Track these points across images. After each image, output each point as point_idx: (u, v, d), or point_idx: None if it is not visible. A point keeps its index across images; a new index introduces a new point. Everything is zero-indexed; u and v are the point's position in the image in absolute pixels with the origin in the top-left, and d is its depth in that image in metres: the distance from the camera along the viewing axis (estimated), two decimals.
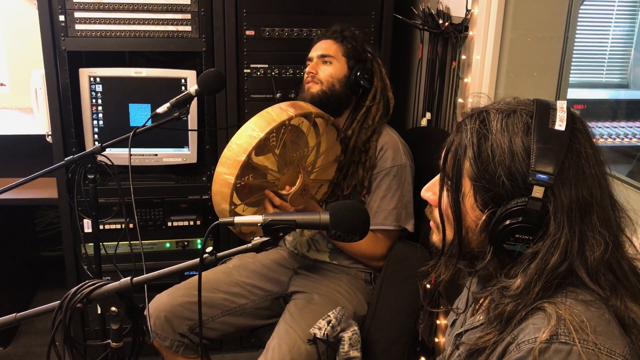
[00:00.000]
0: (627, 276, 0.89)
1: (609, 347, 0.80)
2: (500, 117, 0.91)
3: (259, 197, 1.78)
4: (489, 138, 0.90)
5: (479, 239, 0.94)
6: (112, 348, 1.12)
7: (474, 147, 0.90)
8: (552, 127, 0.88)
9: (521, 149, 0.87)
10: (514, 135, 0.88)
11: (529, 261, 0.87)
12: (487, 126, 0.91)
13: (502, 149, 0.88)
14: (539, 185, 0.85)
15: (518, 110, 0.91)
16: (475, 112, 0.94)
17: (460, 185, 0.93)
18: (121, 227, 2.34)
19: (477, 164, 0.90)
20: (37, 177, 1.64)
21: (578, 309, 0.83)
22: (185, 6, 2.23)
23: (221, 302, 1.92)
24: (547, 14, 1.94)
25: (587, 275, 0.86)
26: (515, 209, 0.87)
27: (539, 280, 0.85)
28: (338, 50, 1.93)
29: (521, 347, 0.82)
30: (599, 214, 0.88)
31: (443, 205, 0.98)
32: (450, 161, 0.95)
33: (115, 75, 2.27)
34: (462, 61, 2.07)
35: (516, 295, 0.87)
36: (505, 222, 0.88)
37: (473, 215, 0.93)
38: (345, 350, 1.69)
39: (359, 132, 1.92)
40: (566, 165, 0.87)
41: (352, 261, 1.98)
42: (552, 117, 0.89)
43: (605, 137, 2.23)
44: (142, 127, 1.74)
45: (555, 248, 0.85)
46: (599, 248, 0.86)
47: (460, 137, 0.94)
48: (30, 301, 2.96)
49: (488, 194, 0.90)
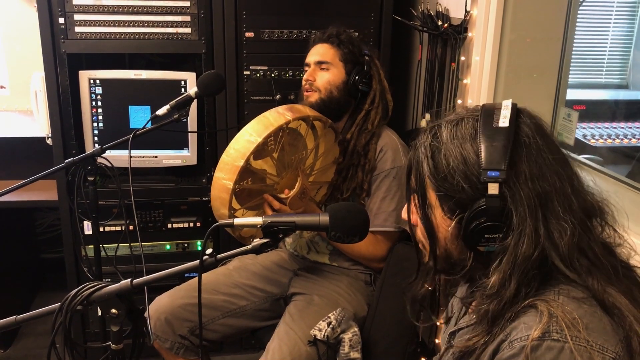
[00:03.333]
0: (599, 258, 0.90)
1: (601, 344, 0.80)
2: (449, 127, 0.95)
3: (258, 201, 1.78)
4: (442, 149, 0.94)
5: (458, 247, 0.96)
6: (113, 350, 1.12)
7: (428, 160, 0.95)
8: (496, 125, 0.91)
9: (471, 152, 0.91)
10: (463, 141, 0.92)
11: (500, 257, 0.89)
12: (439, 138, 0.95)
13: (454, 157, 0.92)
14: (492, 182, 0.88)
15: (465, 117, 0.95)
16: (427, 128, 0.99)
17: (426, 198, 0.97)
18: (121, 229, 2.34)
19: (434, 175, 0.94)
20: (37, 180, 1.65)
21: (570, 306, 0.84)
22: (184, 8, 2.23)
23: (221, 304, 1.92)
24: (546, 15, 1.94)
25: (562, 262, 0.87)
26: (478, 210, 0.89)
27: (514, 275, 0.87)
28: (335, 55, 1.92)
29: (513, 345, 0.83)
30: (560, 200, 0.89)
31: (414, 221, 1.02)
32: (413, 178, 0.99)
33: (115, 78, 2.27)
34: (461, 62, 2.07)
35: (494, 293, 0.88)
36: (472, 225, 0.90)
37: (445, 225, 0.96)
38: (346, 352, 1.69)
39: (358, 135, 1.92)
40: (516, 159, 0.89)
41: (352, 263, 1.98)
42: (496, 116, 0.92)
43: (604, 137, 2.23)
44: (142, 129, 1.75)
45: (522, 240, 0.87)
46: (565, 234, 0.87)
47: (416, 154, 0.98)
48: (31, 303, 2.96)
49: (452, 200, 0.92)
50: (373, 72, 1.95)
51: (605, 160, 2.09)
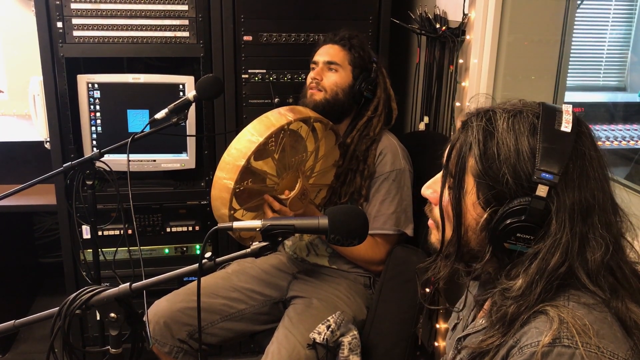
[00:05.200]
0: (628, 279, 0.89)
1: (612, 350, 0.80)
2: (506, 116, 0.91)
3: (258, 201, 1.78)
4: (495, 136, 0.90)
5: (479, 238, 0.94)
6: (111, 354, 1.12)
7: (480, 145, 0.91)
8: (558, 128, 0.89)
9: (527, 148, 0.88)
10: (519, 135, 0.89)
11: (529, 261, 0.87)
12: (494, 124, 0.91)
13: (508, 147, 0.89)
14: (543, 184, 0.86)
15: (524, 110, 0.92)
16: (481, 111, 0.95)
17: (463, 182, 0.94)
18: (120, 233, 2.34)
19: (482, 161, 0.90)
20: (35, 184, 1.64)
21: (580, 312, 0.83)
22: (183, 12, 2.23)
23: (220, 308, 1.92)
24: (544, 18, 1.95)
25: (587, 277, 0.86)
26: (518, 207, 0.87)
27: (540, 281, 0.86)
28: (345, 57, 1.91)
29: (524, 351, 0.82)
30: (601, 216, 0.88)
31: (444, 202, 0.98)
32: (454, 158, 0.95)
33: (113, 82, 2.27)
34: (459, 65, 2.07)
35: (518, 296, 0.87)
36: (507, 221, 0.88)
37: (474, 213, 0.93)
38: (345, 355, 1.69)
39: (358, 141, 1.92)
40: (570, 167, 0.87)
41: (351, 265, 1.98)
42: (558, 118, 0.90)
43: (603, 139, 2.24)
44: (140, 133, 1.75)
45: (555, 248, 0.85)
46: (599, 250, 0.86)
47: (466, 134, 0.94)
48: (29, 308, 2.95)
49: (491, 192, 0.90)
50: (379, 79, 1.94)
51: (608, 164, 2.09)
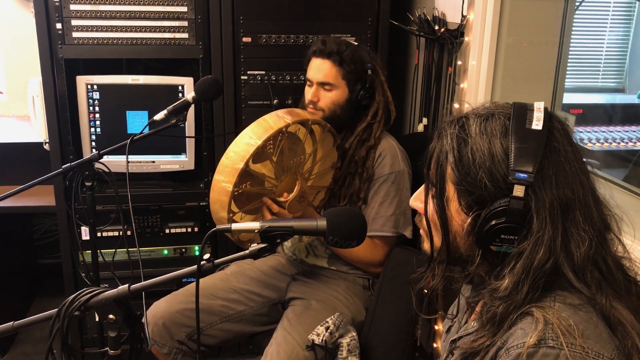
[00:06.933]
0: (613, 273, 0.90)
1: (597, 351, 0.80)
2: (479, 121, 0.93)
3: (257, 204, 1.78)
4: (469, 142, 0.92)
5: (467, 243, 0.95)
6: (110, 356, 1.12)
7: (455, 152, 0.92)
8: (529, 126, 0.90)
9: (500, 150, 0.89)
10: (492, 138, 0.90)
11: (515, 261, 0.88)
12: (467, 131, 0.93)
13: (481, 152, 0.90)
14: (519, 184, 0.87)
15: (496, 113, 0.93)
16: (454, 119, 0.97)
17: (444, 190, 0.95)
18: (119, 235, 2.34)
19: (458, 168, 0.92)
20: (34, 185, 1.64)
21: (566, 313, 0.84)
22: (182, 13, 2.23)
23: (219, 309, 1.92)
24: (542, 19, 1.95)
25: (573, 273, 0.87)
26: (499, 209, 0.88)
27: (527, 279, 0.86)
28: (338, 74, 1.87)
29: (510, 352, 0.83)
30: (582, 210, 0.89)
31: (429, 212, 1.00)
32: (433, 168, 0.97)
33: (112, 83, 2.27)
34: (458, 67, 2.08)
35: (505, 296, 0.87)
36: (490, 223, 0.89)
37: (459, 219, 0.94)
38: (344, 357, 1.69)
39: (357, 146, 1.91)
40: (545, 163, 0.88)
41: (350, 267, 1.98)
42: (529, 117, 0.91)
43: (601, 141, 2.24)
44: (139, 134, 1.75)
45: (539, 246, 0.86)
46: (583, 244, 0.87)
47: (441, 143, 0.96)
48: (28, 309, 2.95)
49: (471, 196, 0.91)
50: (376, 84, 1.92)
51: (602, 164, 2.10)
